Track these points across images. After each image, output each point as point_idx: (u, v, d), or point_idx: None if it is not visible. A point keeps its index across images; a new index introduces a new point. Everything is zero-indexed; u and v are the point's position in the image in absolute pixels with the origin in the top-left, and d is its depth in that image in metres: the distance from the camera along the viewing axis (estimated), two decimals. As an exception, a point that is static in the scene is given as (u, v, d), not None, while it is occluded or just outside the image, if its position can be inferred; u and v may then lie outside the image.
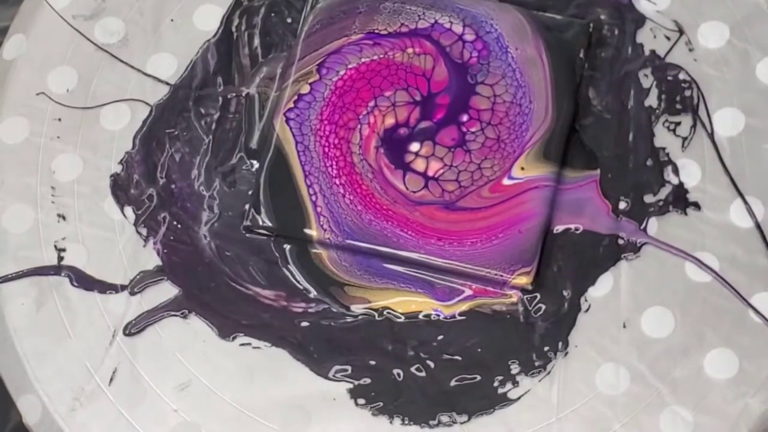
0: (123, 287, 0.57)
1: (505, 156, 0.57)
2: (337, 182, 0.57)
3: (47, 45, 0.61)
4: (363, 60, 0.59)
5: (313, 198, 0.56)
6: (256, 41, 0.61)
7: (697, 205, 0.56)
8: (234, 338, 0.56)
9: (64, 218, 0.58)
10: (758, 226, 0.56)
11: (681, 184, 0.57)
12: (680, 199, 0.57)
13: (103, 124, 0.60)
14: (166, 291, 0.57)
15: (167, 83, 0.60)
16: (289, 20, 0.61)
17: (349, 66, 0.59)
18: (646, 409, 0.53)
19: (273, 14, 0.61)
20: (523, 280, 0.55)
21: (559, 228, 0.56)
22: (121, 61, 0.61)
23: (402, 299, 0.56)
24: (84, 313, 0.56)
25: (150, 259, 0.57)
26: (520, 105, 0.58)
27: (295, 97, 0.58)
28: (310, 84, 0.58)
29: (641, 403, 0.54)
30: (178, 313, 0.56)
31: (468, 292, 0.56)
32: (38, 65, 0.61)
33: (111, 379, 0.55)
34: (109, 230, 0.58)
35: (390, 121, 0.58)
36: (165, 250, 0.57)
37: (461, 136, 0.57)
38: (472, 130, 0.57)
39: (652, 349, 0.54)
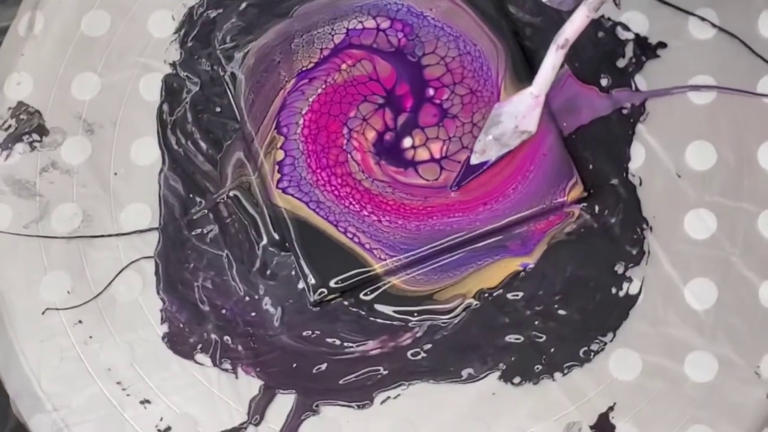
0: (245, 425, 0.55)
1: (487, 101, 0.57)
2: (366, 212, 0.56)
3: (12, 266, 0.58)
4: (311, 99, 0.58)
5: (355, 239, 0.56)
6: (203, 144, 0.59)
7: (663, 44, 0.58)
8: (372, 402, 0.55)
9: (149, 402, 0.56)
10: (720, 30, 0.58)
11: (637, 35, 0.59)
12: (646, 47, 0.58)
13: (119, 299, 0.57)
14: (284, 402, 0.55)
15: (153, 229, 0.58)
16: (218, 109, 0.59)
17: (303, 112, 0.58)
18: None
19: (199, 114, 0.59)
20: (577, 192, 0.56)
21: (570, 131, 0.57)
22: (97, 236, 0.58)
23: (488, 274, 0.56)
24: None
25: (250, 384, 0.55)
26: (469, 53, 0.58)
27: (276, 167, 0.57)
28: (281, 148, 0.57)
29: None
30: (309, 413, 0.55)
31: (537, 232, 0.56)
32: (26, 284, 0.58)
33: None
34: (198, 386, 0.56)
35: (371, 134, 0.57)
36: (257, 368, 0.56)
37: (440, 109, 0.57)
38: (445, 97, 0.58)
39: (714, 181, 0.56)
